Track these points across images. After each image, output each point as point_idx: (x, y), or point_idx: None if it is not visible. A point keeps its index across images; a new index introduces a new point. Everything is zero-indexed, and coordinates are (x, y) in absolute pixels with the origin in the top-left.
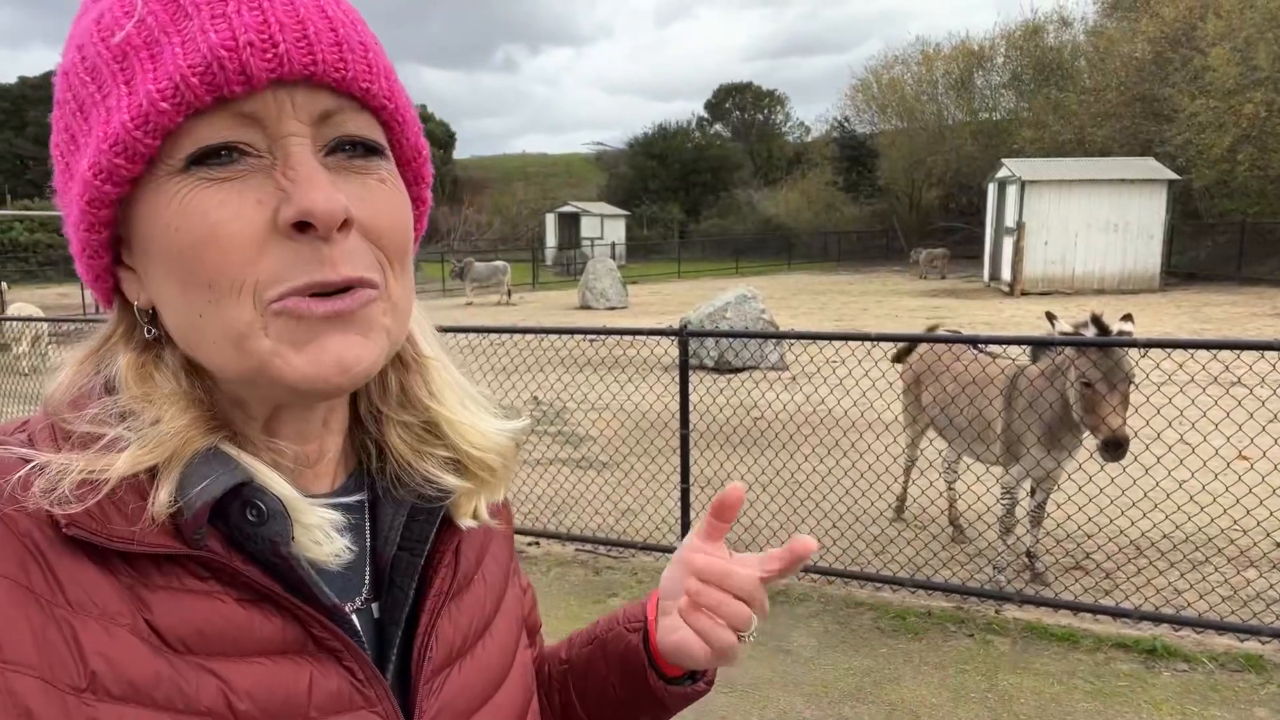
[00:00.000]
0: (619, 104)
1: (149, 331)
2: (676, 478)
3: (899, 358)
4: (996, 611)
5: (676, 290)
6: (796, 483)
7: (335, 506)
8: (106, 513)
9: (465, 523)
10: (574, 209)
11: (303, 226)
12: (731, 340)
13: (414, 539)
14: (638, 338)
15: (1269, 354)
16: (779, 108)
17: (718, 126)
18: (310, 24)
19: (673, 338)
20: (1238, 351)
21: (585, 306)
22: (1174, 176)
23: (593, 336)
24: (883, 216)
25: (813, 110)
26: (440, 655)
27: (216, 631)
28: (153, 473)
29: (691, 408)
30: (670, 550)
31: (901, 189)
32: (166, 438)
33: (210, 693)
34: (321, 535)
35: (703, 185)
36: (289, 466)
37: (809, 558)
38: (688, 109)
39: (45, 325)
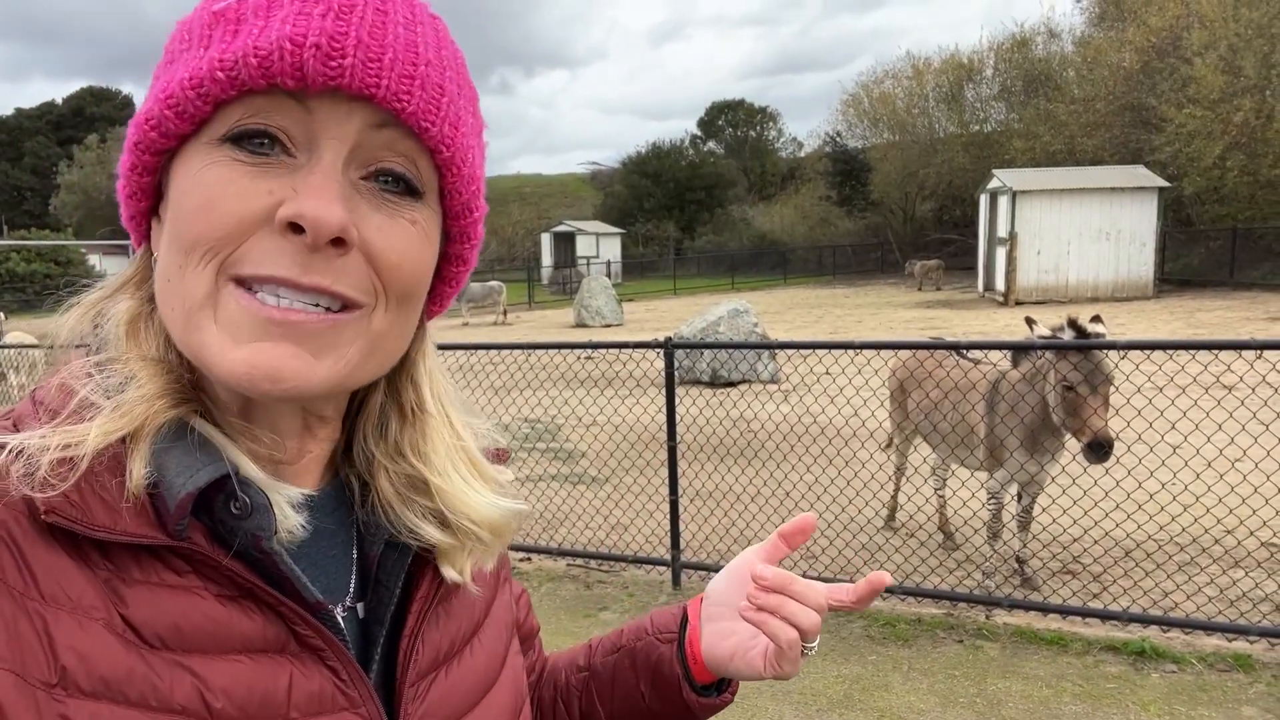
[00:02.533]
0: (614, 124)
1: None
2: (666, 491)
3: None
4: (986, 617)
5: (672, 307)
6: (785, 493)
7: (315, 501)
8: (86, 500)
9: (449, 574)
10: (569, 228)
11: (296, 229)
12: (723, 354)
13: (402, 540)
14: (630, 354)
15: (1246, 353)
16: (772, 124)
17: (711, 144)
18: (390, 50)
19: (659, 350)
20: (1215, 352)
21: (581, 324)
22: (1164, 184)
23: (585, 354)
24: (877, 229)
25: (805, 126)
26: (426, 659)
27: (194, 628)
28: (124, 444)
29: (681, 421)
30: (661, 563)
31: (895, 202)
32: (136, 404)
33: (185, 690)
34: (278, 511)
35: (697, 202)
36: (266, 455)
37: (882, 590)
38: (681, 127)
39: (41, 354)
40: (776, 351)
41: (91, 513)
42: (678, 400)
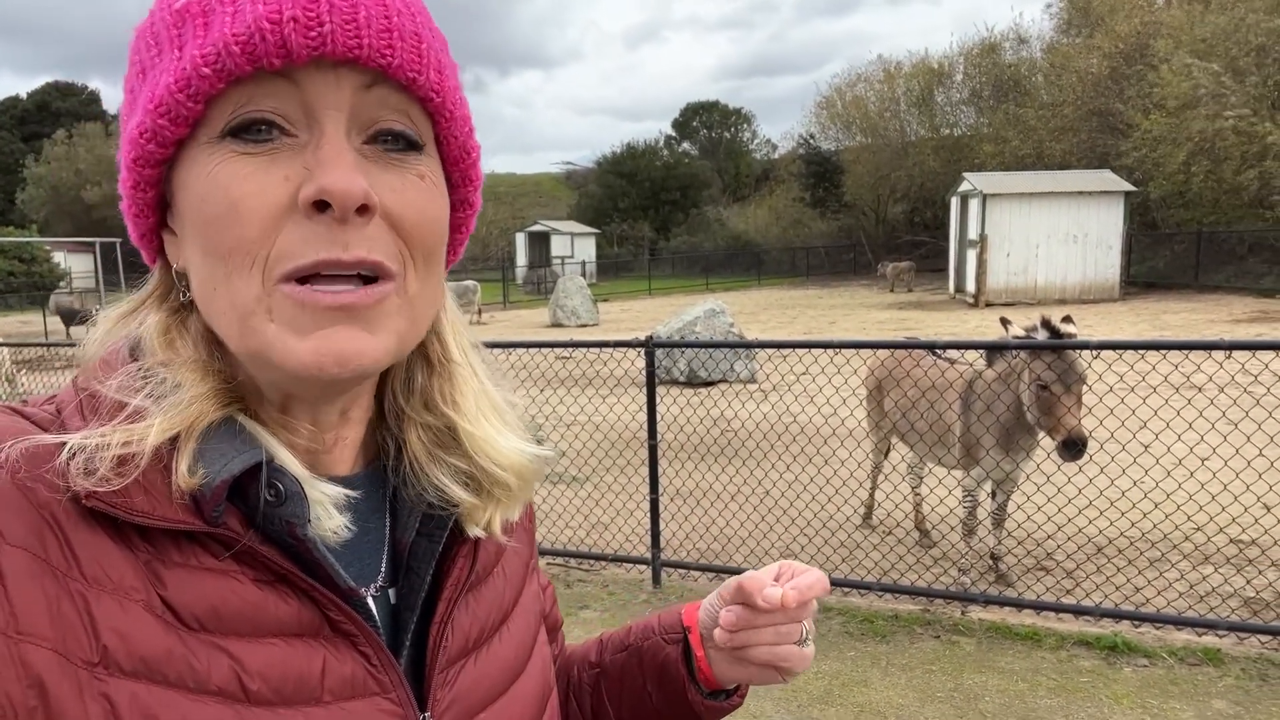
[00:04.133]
0: (589, 124)
1: (183, 295)
2: (646, 490)
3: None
4: (962, 613)
5: (647, 307)
6: (765, 491)
7: (352, 487)
8: (127, 486)
9: (474, 532)
10: (544, 228)
11: (321, 206)
12: (701, 354)
13: (433, 526)
14: (608, 354)
15: (1216, 353)
16: (746, 126)
17: (686, 145)
18: (363, 8)
19: (640, 350)
20: (1187, 352)
21: (556, 324)
22: (1130, 188)
23: (563, 353)
24: (849, 231)
25: (779, 128)
26: (456, 645)
27: (232, 611)
28: (173, 443)
29: (660, 420)
30: (641, 562)
31: (867, 204)
32: (185, 405)
33: (222, 671)
34: (322, 510)
35: (672, 203)
36: (304, 446)
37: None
38: (656, 128)
39: (7, 352)
40: (754, 351)
41: (131, 498)
42: (656, 400)
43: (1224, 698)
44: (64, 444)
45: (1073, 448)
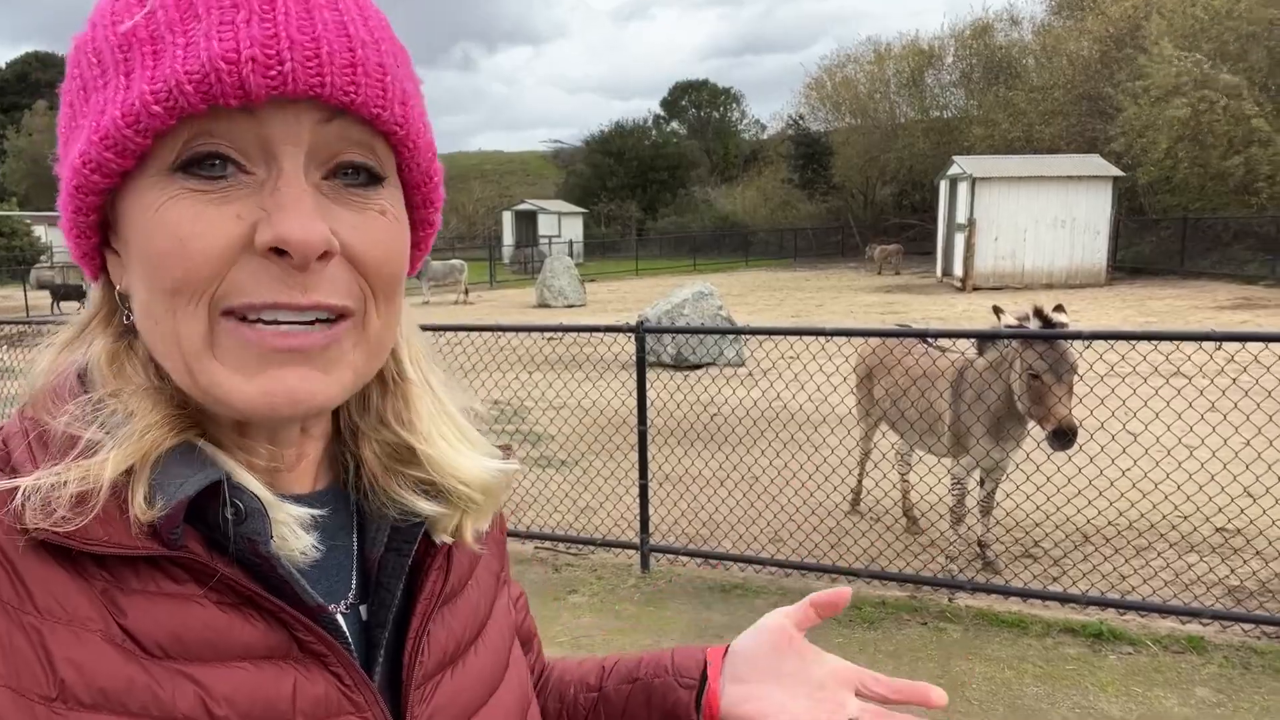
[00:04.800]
0: (577, 102)
1: (127, 318)
2: (635, 474)
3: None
4: (949, 600)
5: (634, 288)
6: (754, 477)
7: (313, 503)
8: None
9: (442, 539)
10: (531, 207)
11: (280, 252)
12: (689, 337)
13: (402, 539)
14: (596, 336)
15: (1207, 344)
16: (735, 105)
17: (674, 124)
18: (325, 43)
19: (630, 334)
20: (1177, 343)
21: (543, 305)
22: (1119, 173)
23: (551, 335)
24: (838, 213)
25: (768, 108)
26: (433, 660)
27: (195, 636)
28: (128, 473)
29: (649, 405)
30: (630, 546)
31: (856, 186)
32: (139, 435)
33: (188, 699)
34: (288, 531)
35: (660, 183)
36: (263, 466)
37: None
38: (644, 107)
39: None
40: (744, 335)
41: (85, 526)
42: (646, 384)
43: (1207, 685)
44: (17, 487)
45: (1063, 437)
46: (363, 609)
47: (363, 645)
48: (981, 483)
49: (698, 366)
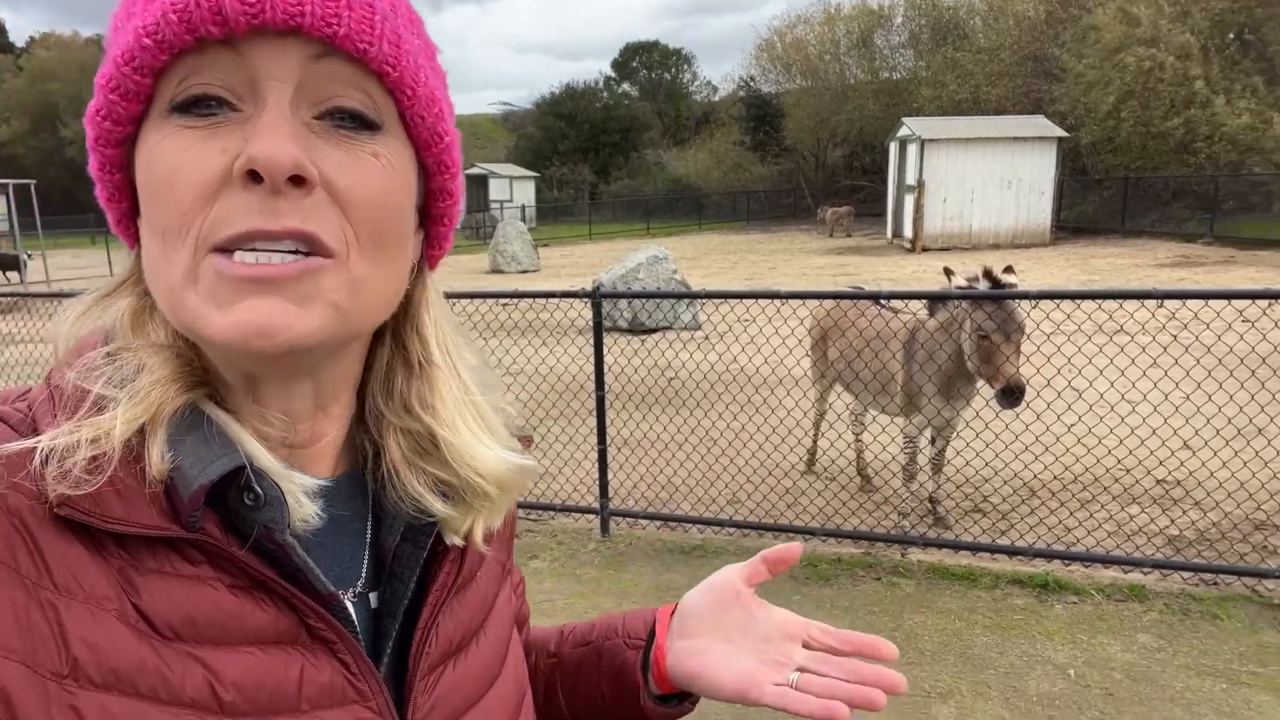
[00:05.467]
0: (526, 63)
1: None
2: (594, 440)
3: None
4: (902, 555)
5: (588, 252)
6: (711, 440)
7: (331, 490)
8: (100, 490)
9: (453, 540)
10: (481, 171)
11: (256, 177)
12: (645, 301)
13: (419, 530)
14: (551, 301)
15: (1149, 302)
16: (686, 67)
17: (625, 86)
18: None
19: (586, 300)
20: (1120, 301)
21: (496, 270)
22: (1063, 134)
23: (506, 301)
24: (789, 176)
25: (719, 70)
26: (438, 652)
27: (207, 619)
28: (141, 435)
29: (606, 370)
30: (590, 511)
31: (807, 148)
32: (147, 390)
33: (196, 682)
34: (291, 501)
35: (612, 146)
36: (278, 438)
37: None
38: (595, 68)
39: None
40: (700, 299)
41: (105, 504)
42: (604, 350)
43: (1148, 632)
44: (35, 448)
45: (1010, 395)
46: (372, 596)
47: (370, 633)
48: (933, 441)
49: (654, 330)
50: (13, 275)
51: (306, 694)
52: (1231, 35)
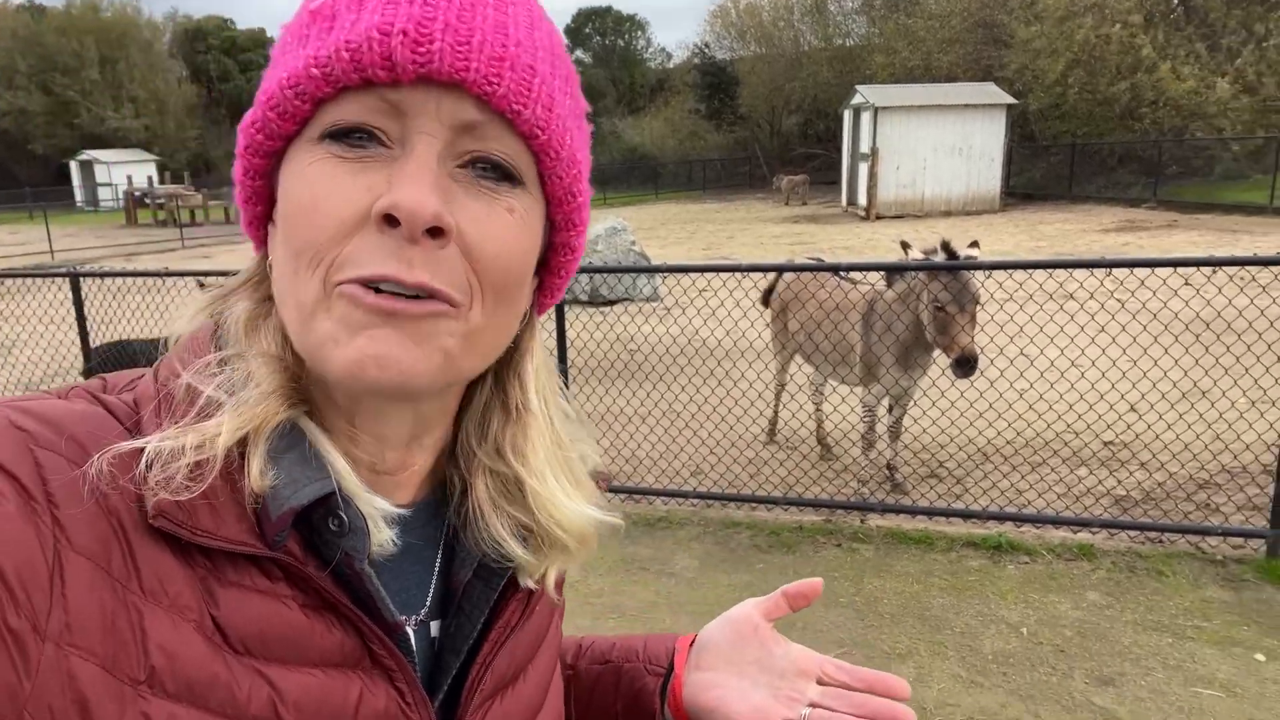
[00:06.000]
0: None
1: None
2: None
3: (766, 299)
4: (861, 521)
5: None
6: (675, 412)
7: (408, 518)
8: (194, 502)
9: (527, 583)
10: None
11: (392, 221)
12: (605, 274)
13: (490, 572)
14: None
15: (1097, 271)
16: (640, 33)
17: (579, 52)
18: (479, 33)
19: None
20: (1070, 270)
21: None
22: (1012, 101)
23: None
24: (745, 144)
25: (674, 36)
26: (490, 685)
27: (278, 635)
28: (239, 446)
29: (568, 343)
30: None
31: (762, 116)
32: (255, 402)
33: (261, 700)
34: (371, 525)
35: None
36: (366, 462)
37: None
38: None
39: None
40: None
41: (196, 515)
42: (565, 324)
43: (1097, 589)
44: (142, 449)
45: (965, 365)
46: (433, 625)
47: (427, 663)
48: (890, 409)
49: (614, 303)
50: None
51: (361, 718)
52: (1176, 1)
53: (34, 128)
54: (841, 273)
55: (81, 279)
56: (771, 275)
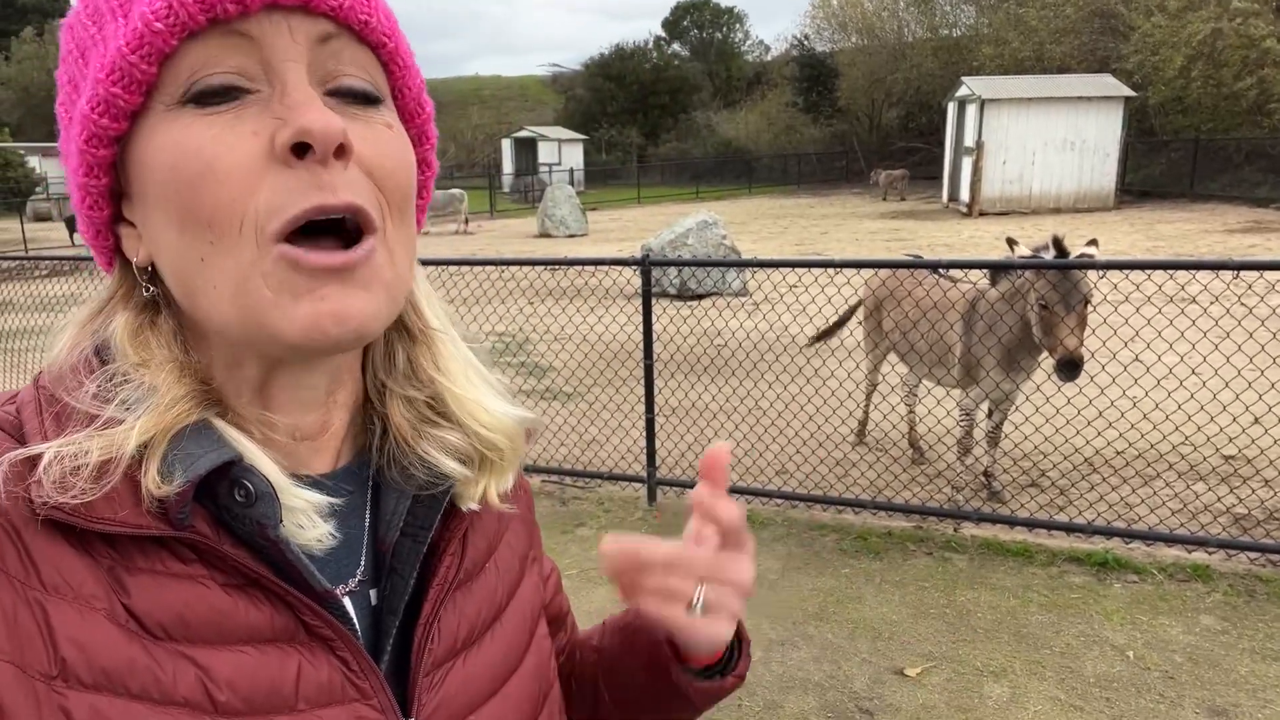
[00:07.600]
0: (576, 23)
1: (146, 290)
2: (641, 407)
3: (817, 339)
4: (955, 530)
5: (636, 216)
6: (760, 409)
7: (329, 486)
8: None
9: (469, 506)
10: (531, 134)
11: (300, 150)
12: (694, 268)
13: (418, 525)
14: (599, 267)
15: (1223, 273)
16: (738, 25)
17: (676, 46)
18: None
19: (635, 268)
20: (1193, 271)
21: (545, 234)
22: (1130, 94)
23: (554, 266)
24: (842, 138)
25: (772, 29)
26: (443, 647)
27: (199, 618)
28: (141, 448)
29: (655, 336)
30: (637, 480)
31: (861, 109)
32: (163, 409)
33: (189, 682)
34: (305, 519)
35: (661, 108)
36: (282, 441)
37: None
38: (645, 28)
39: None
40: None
41: (91, 505)
42: (652, 317)
43: (1212, 614)
44: (38, 454)
45: (1069, 368)
46: (373, 592)
47: (371, 629)
48: (990, 414)
49: (702, 297)
50: None
51: (304, 692)
52: None
53: None
54: (941, 270)
55: None
56: (831, 321)
